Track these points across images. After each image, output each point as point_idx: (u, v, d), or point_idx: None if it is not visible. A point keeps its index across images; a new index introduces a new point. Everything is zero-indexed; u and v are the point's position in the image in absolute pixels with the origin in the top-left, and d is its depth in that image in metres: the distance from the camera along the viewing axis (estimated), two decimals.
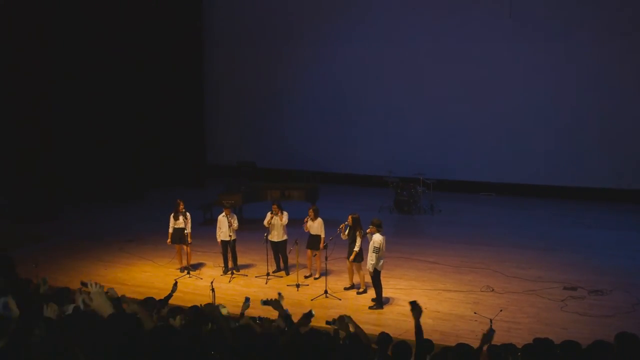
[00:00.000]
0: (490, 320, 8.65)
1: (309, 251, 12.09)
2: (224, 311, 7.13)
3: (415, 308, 5.64)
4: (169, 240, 12.52)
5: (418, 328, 5.50)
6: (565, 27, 17.03)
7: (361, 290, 11.34)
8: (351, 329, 6.22)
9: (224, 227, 12.25)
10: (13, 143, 16.39)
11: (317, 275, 12.08)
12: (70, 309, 6.36)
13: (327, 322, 6.68)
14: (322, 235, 11.84)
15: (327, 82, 19.76)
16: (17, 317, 4.61)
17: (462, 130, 18.36)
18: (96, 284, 4.30)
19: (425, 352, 5.45)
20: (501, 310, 9.75)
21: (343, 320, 6.24)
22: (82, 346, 4.08)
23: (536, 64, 17.47)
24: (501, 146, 18.09)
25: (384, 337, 6.20)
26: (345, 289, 11.51)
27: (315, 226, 11.87)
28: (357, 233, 11.09)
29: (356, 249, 11.08)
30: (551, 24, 17.14)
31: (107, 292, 6.42)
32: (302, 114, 20.26)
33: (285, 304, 6.28)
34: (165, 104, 19.80)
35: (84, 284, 5.18)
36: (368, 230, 10.81)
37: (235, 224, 12.30)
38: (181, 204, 12.47)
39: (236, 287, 11.70)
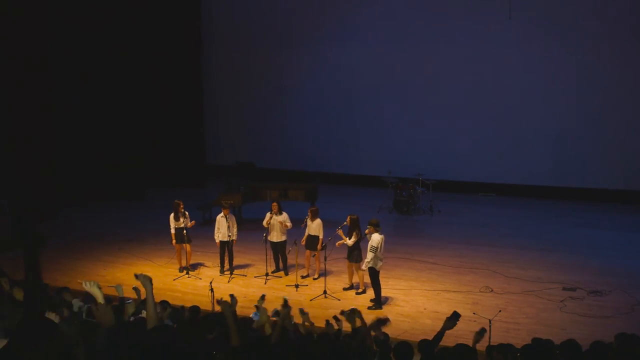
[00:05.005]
0: (490, 321, 8.67)
1: (307, 251, 12.09)
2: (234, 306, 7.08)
3: (452, 319, 5.68)
4: (173, 241, 12.51)
5: (440, 335, 5.54)
6: (566, 27, 17.02)
7: (360, 290, 11.34)
8: (358, 323, 6.24)
9: (223, 227, 12.24)
10: (13, 143, 16.39)
11: (316, 276, 12.08)
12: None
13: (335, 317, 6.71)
14: (321, 236, 11.83)
15: (326, 82, 19.76)
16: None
17: (462, 130, 18.37)
18: (92, 282, 4.27)
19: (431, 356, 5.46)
20: (500, 311, 9.76)
21: (352, 314, 6.24)
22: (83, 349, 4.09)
23: (536, 65, 17.47)
24: (501, 146, 18.09)
25: (384, 339, 6.21)
26: (345, 289, 11.52)
27: (314, 227, 11.87)
28: (355, 232, 11.10)
29: (349, 242, 11.09)
30: (551, 25, 17.14)
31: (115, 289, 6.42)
32: (301, 114, 20.27)
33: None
34: (164, 104, 19.81)
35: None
36: (367, 231, 10.83)
37: (235, 228, 12.29)
38: (181, 204, 12.47)
39: (235, 287, 11.69)
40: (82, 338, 4.36)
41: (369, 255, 10.56)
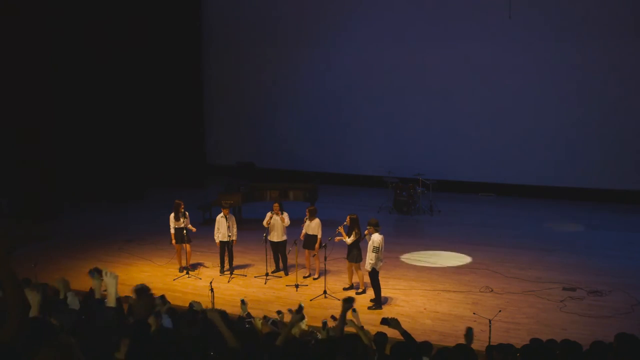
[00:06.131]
0: (490, 321, 8.68)
1: (306, 251, 12.09)
2: (197, 307, 7.15)
3: (388, 323, 5.76)
4: (173, 241, 12.51)
5: (404, 334, 5.55)
6: (566, 27, 17.02)
7: (360, 290, 11.34)
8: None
9: (223, 227, 12.23)
10: (13, 142, 16.40)
11: (316, 276, 12.08)
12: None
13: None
14: (319, 236, 11.83)
15: (326, 83, 19.77)
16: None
17: (461, 130, 18.36)
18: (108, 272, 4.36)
19: (421, 353, 5.47)
20: (500, 311, 9.76)
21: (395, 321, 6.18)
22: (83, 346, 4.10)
23: (536, 65, 17.47)
24: (501, 146, 18.08)
25: (381, 337, 6.21)
26: (345, 289, 11.51)
27: (312, 226, 11.87)
28: (354, 232, 11.10)
29: (348, 241, 11.10)
30: (551, 25, 17.14)
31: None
32: (301, 114, 20.27)
33: (284, 304, 6.29)
34: (165, 104, 19.81)
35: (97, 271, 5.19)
36: (366, 232, 10.83)
37: (235, 228, 12.29)
38: (181, 204, 12.47)
39: (235, 287, 11.70)
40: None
41: (371, 256, 10.55)
